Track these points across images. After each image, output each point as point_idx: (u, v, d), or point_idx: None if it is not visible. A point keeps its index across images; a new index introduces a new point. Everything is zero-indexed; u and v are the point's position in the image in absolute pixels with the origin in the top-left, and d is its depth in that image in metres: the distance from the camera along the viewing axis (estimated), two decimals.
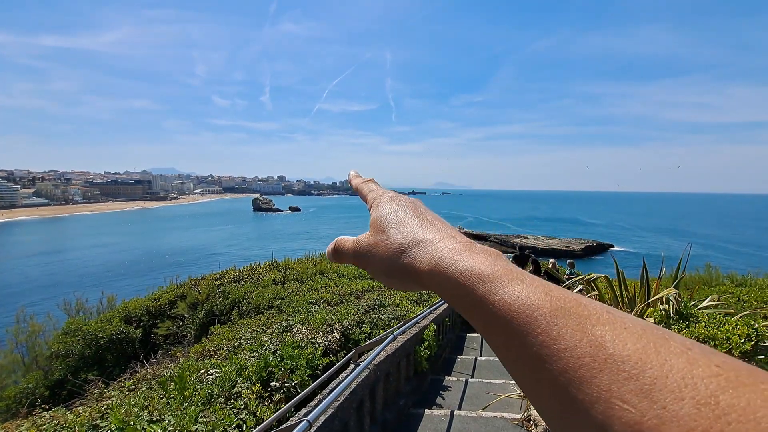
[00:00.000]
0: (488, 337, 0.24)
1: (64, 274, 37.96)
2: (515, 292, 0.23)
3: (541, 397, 0.20)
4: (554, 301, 0.22)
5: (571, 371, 0.18)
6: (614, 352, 0.18)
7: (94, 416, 2.30)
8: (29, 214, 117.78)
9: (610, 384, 0.17)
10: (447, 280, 0.27)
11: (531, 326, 0.21)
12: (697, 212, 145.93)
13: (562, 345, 0.19)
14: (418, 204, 0.38)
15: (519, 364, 0.22)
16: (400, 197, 0.39)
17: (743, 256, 46.34)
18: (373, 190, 0.43)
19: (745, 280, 8.77)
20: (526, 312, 0.22)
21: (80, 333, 6.73)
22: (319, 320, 4.47)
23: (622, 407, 0.16)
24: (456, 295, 0.26)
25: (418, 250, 0.31)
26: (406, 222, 0.34)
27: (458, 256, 0.28)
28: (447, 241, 0.30)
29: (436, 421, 3.67)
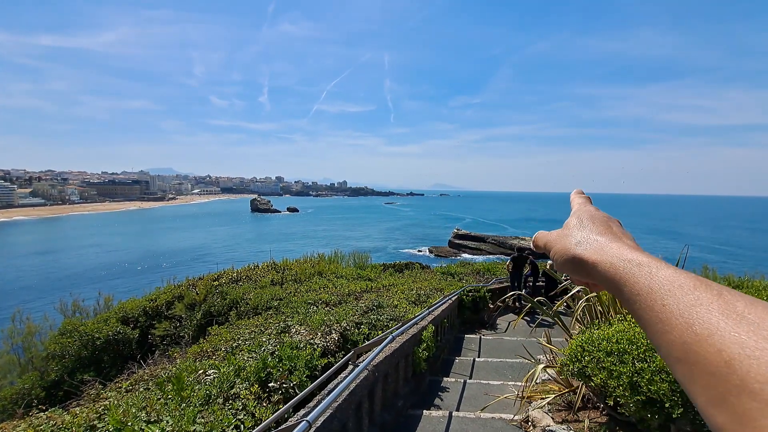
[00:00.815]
0: (641, 306, 0.30)
1: (61, 274, 37.77)
2: (670, 272, 0.30)
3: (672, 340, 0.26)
4: (698, 279, 0.29)
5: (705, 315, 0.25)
6: (741, 310, 0.24)
7: (92, 417, 2.29)
8: (26, 214, 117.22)
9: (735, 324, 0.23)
10: (610, 267, 0.35)
11: (681, 290, 0.28)
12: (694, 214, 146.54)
13: (703, 301, 0.26)
14: (611, 219, 0.45)
15: (665, 321, 0.27)
16: (597, 211, 0.47)
17: (740, 257, 46.55)
18: (579, 202, 0.52)
19: (742, 281, 8.79)
20: (676, 282, 0.29)
21: (77, 333, 6.69)
22: (318, 321, 4.46)
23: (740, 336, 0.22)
24: (617, 277, 0.34)
25: (589, 246, 0.40)
26: (588, 226, 0.43)
27: (624, 251, 0.36)
28: (617, 242, 0.38)
29: (435, 422, 3.67)
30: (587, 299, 3.96)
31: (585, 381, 3.00)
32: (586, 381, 2.96)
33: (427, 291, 7.92)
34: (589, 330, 3.28)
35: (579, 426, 3.09)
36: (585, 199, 0.54)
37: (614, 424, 2.99)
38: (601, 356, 2.76)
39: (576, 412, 3.26)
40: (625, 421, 2.90)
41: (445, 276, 11.70)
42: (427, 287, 8.42)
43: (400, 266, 13.40)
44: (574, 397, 3.36)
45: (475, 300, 8.65)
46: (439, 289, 8.59)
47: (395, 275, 11.37)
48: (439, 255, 48.82)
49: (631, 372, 2.54)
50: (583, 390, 3.29)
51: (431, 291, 8.06)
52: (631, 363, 2.58)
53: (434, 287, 8.64)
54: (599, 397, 3.12)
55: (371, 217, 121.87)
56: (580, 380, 3.09)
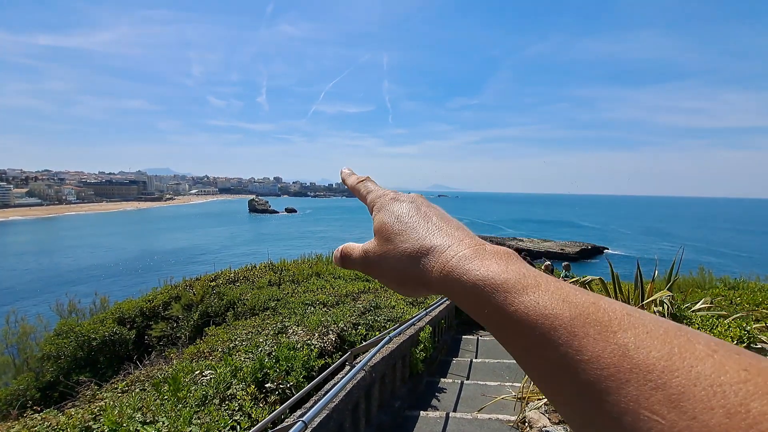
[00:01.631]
0: (507, 347, 0.24)
1: (57, 275, 37.58)
2: (532, 300, 0.22)
3: (566, 408, 0.20)
4: (573, 308, 0.21)
5: (596, 383, 0.18)
6: (639, 361, 0.17)
7: (87, 418, 2.28)
8: (22, 214, 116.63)
9: (638, 395, 0.16)
10: (460, 290, 0.26)
11: (551, 337, 0.20)
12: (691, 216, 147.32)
13: (585, 356, 0.19)
14: (421, 203, 0.36)
15: (540, 375, 0.21)
16: (402, 197, 0.37)
17: (736, 259, 46.79)
18: (372, 190, 0.41)
19: (738, 283, 8.86)
20: (545, 323, 0.21)
21: (72, 334, 6.66)
22: (315, 322, 4.46)
23: (651, 418, 0.16)
24: (470, 304, 0.26)
25: (427, 260, 0.30)
26: (411, 227, 0.33)
27: (469, 264, 0.27)
28: (456, 247, 0.29)
29: (432, 423, 3.67)
30: None
31: None
32: None
33: None
34: None
35: None
36: (370, 181, 0.42)
37: None
38: None
39: None
40: None
41: None
42: None
43: None
44: None
45: None
46: None
47: None
48: None
49: None
50: None
51: None
52: None
53: None
54: None
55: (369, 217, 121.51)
56: None
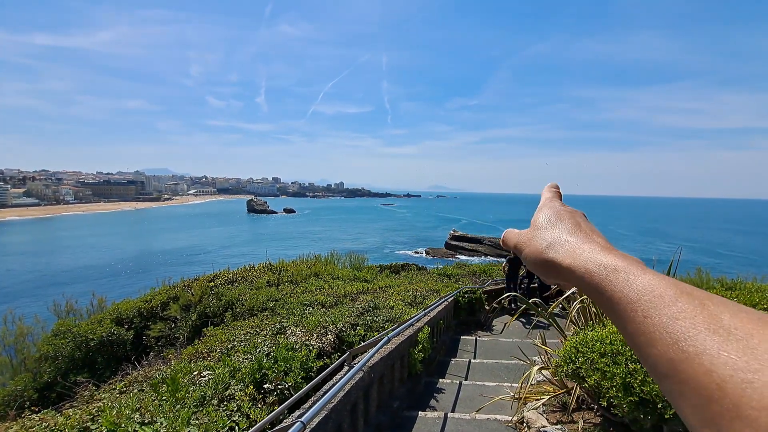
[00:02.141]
0: (621, 316, 0.28)
1: (54, 275, 37.44)
2: (648, 279, 0.28)
3: (656, 357, 0.25)
4: (679, 287, 0.27)
5: (688, 331, 0.23)
6: (728, 324, 0.22)
7: (85, 418, 2.28)
8: (19, 215, 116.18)
9: (721, 341, 0.22)
10: (585, 272, 0.33)
11: (662, 301, 0.26)
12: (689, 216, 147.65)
13: (687, 315, 0.24)
14: (578, 214, 0.43)
15: (648, 333, 0.26)
16: (562, 207, 0.44)
17: (733, 259, 46.94)
18: (547, 197, 0.49)
19: (735, 283, 8.87)
20: (656, 291, 0.27)
21: (70, 335, 6.64)
22: (314, 322, 4.46)
23: (729, 356, 0.21)
24: (593, 284, 0.32)
25: (561, 248, 0.37)
26: (557, 225, 0.40)
27: (598, 254, 0.33)
28: (590, 244, 0.36)
29: (430, 424, 3.67)
30: (582, 301, 3.99)
31: (579, 382, 3.02)
32: (581, 382, 2.98)
33: (423, 292, 7.93)
34: (583, 331, 3.31)
35: (573, 427, 3.11)
36: (553, 193, 0.51)
37: (608, 424, 3.01)
38: (595, 357, 2.78)
39: (570, 413, 3.28)
40: (619, 421, 2.92)
41: (442, 277, 11.72)
42: (424, 288, 8.43)
43: (397, 267, 13.40)
44: (568, 398, 3.37)
45: (471, 301, 8.66)
46: (436, 290, 8.60)
47: (391, 276, 11.37)
48: (436, 256, 48.88)
49: (624, 373, 2.56)
50: (577, 391, 3.30)
51: (427, 292, 8.07)
52: (624, 364, 2.60)
53: (430, 288, 8.65)
54: (593, 398, 3.14)
55: (368, 218, 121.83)
56: (575, 381, 3.11)
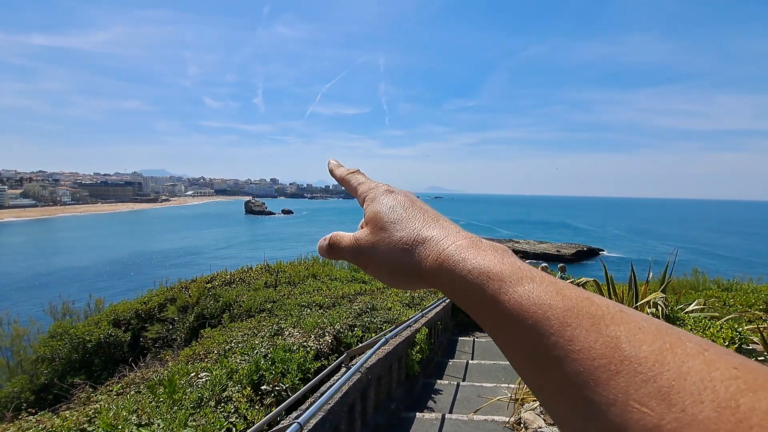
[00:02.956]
0: (498, 338, 0.24)
1: (50, 276, 37.26)
2: (526, 291, 0.22)
3: (553, 400, 0.20)
4: (566, 300, 0.21)
5: (585, 373, 0.18)
6: (630, 354, 0.17)
7: (82, 420, 2.27)
8: (16, 215, 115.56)
9: (627, 386, 0.16)
10: (454, 279, 0.26)
11: (543, 326, 0.20)
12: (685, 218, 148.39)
13: (577, 346, 0.19)
14: (415, 197, 0.36)
15: (530, 365, 0.21)
16: (396, 191, 0.37)
17: (729, 261, 47.16)
18: (362, 182, 0.41)
19: (731, 284, 8.93)
20: (537, 312, 0.21)
21: (67, 336, 6.62)
22: (311, 323, 4.46)
23: (641, 410, 0.16)
24: (464, 294, 0.26)
25: (422, 249, 0.29)
26: (407, 218, 0.32)
27: (465, 253, 0.27)
28: (452, 237, 0.29)
29: (428, 425, 3.67)
30: None
31: None
32: None
33: (421, 293, 7.94)
34: None
35: None
36: (359, 173, 0.43)
37: None
38: None
39: None
40: None
41: None
42: (421, 290, 8.44)
43: None
44: None
45: None
46: (434, 291, 8.61)
47: None
48: None
49: None
50: None
51: (425, 293, 8.08)
52: None
53: (428, 290, 8.65)
54: None
55: None
56: None
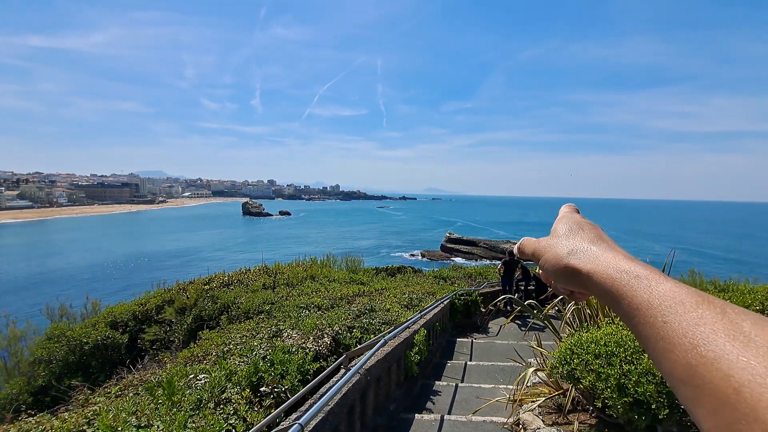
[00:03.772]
0: (641, 321, 0.29)
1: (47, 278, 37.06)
2: (669, 287, 0.29)
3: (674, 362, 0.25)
4: (700, 295, 0.27)
5: (710, 336, 0.23)
6: (747, 331, 0.22)
7: (81, 422, 2.27)
8: (12, 217, 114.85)
9: (742, 347, 0.22)
10: (606, 278, 0.33)
11: (683, 307, 0.26)
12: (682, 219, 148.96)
13: (707, 321, 0.24)
14: (599, 228, 0.44)
15: (667, 338, 0.26)
16: (583, 219, 0.46)
17: (726, 262, 47.38)
18: (566, 211, 0.50)
19: (728, 285, 8.97)
20: (677, 298, 0.27)
21: (64, 338, 6.59)
22: (310, 325, 4.46)
23: (749, 362, 0.22)
24: (614, 290, 0.32)
25: (583, 255, 0.38)
26: (579, 234, 0.41)
27: (620, 261, 0.34)
28: (611, 252, 0.36)
29: (427, 426, 3.68)
30: (576, 303, 4.02)
31: (574, 383, 3.04)
32: (576, 383, 3.00)
33: (419, 295, 7.94)
34: (578, 333, 3.33)
35: (569, 428, 3.13)
36: (572, 208, 0.53)
37: (603, 425, 3.03)
38: (590, 359, 2.81)
39: (566, 415, 3.30)
40: (614, 422, 2.95)
41: (438, 280, 11.74)
42: (420, 291, 8.44)
43: (393, 270, 13.42)
44: (564, 399, 3.40)
45: (467, 304, 8.69)
46: (432, 293, 8.62)
47: (388, 279, 11.38)
48: (432, 259, 48.94)
49: (619, 374, 2.58)
50: (572, 392, 3.33)
51: (423, 295, 8.09)
52: (618, 365, 2.63)
53: (426, 291, 8.66)
54: (588, 399, 3.17)
55: (364, 220, 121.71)
56: (570, 383, 3.14)
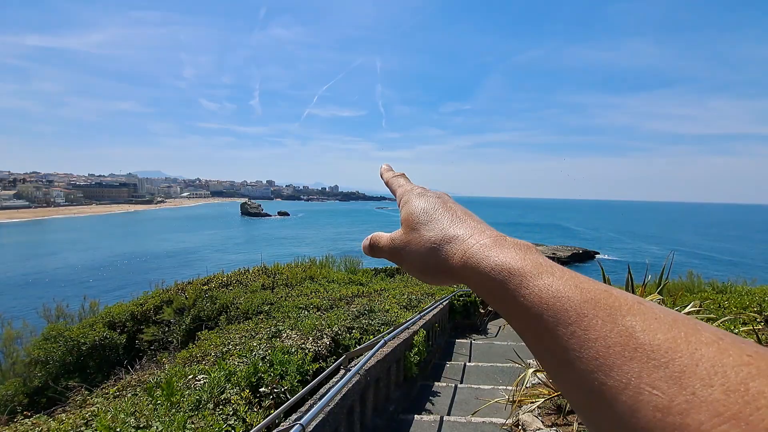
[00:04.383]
0: (520, 330, 0.25)
1: (43, 278, 36.92)
2: (546, 284, 0.24)
3: (571, 386, 0.21)
4: (584, 293, 0.22)
5: (601, 358, 0.19)
6: (644, 341, 0.18)
7: (79, 423, 2.25)
8: (9, 217, 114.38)
9: (640, 371, 0.17)
10: (479, 275, 0.28)
11: (562, 317, 0.22)
12: (680, 221, 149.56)
13: (593, 335, 0.20)
14: (447, 198, 0.38)
15: (549, 354, 0.22)
16: (429, 193, 0.40)
17: (724, 264, 47.55)
18: (401, 185, 0.44)
19: (726, 287, 9.02)
20: (556, 304, 0.22)
21: (61, 339, 6.55)
22: (309, 325, 4.45)
23: (651, 392, 0.17)
24: (488, 289, 0.27)
25: (449, 247, 0.32)
26: (436, 219, 0.35)
27: (489, 251, 0.29)
28: (477, 236, 0.31)
29: (426, 427, 3.67)
30: None
31: None
32: None
33: (418, 296, 7.94)
34: None
35: (568, 429, 3.13)
36: (403, 177, 0.45)
37: None
38: None
39: (565, 415, 3.30)
40: None
41: None
42: (419, 292, 8.44)
43: (392, 271, 13.40)
44: (563, 400, 3.40)
45: (466, 305, 8.69)
46: (431, 293, 8.62)
47: (387, 280, 11.37)
48: None
49: None
50: None
51: (422, 296, 8.09)
52: None
53: (425, 292, 8.66)
54: None
55: (363, 221, 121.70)
56: None
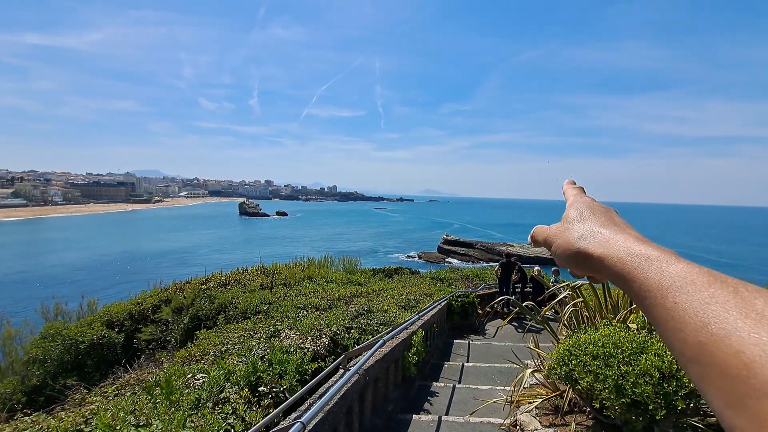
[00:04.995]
0: (652, 303, 0.29)
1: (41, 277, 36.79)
2: (682, 266, 0.29)
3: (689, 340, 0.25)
4: (712, 274, 0.27)
5: (721, 314, 0.23)
6: (760, 309, 0.22)
7: (78, 421, 2.26)
8: (6, 215, 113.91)
9: (754, 324, 0.22)
10: (617, 261, 0.33)
11: (694, 287, 0.26)
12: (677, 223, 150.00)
13: (719, 300, 0.24)
14: (612, 210, 0.44)
15: (677, 318, 0.26)
16: (594, 202, 0.45)
17: (720, 266, 47.70)
18: (574, 194, 0.50)
19: None
20: (688, 278, 0.27)
21: (59, 337, 6.54)
22: (308, 325, 4.46)
23: (760, 337, 0.22)
24: (624, 272, 0.32)
25: (593, 239, 0.38)
26: (590, 218, 0.41)
27: (632, 244, 0.34)
28: (623, 234, 0.36)
29: (424, 427, 3.68)
30: (574, 305, 4.04)
31: (572, 385, 3.06)
32: (573, 384, 3.01)
33: (416, 296, 7.95)
34: (575, 334, 3.35)
35: (566, 429, 3.14)
36: (579, 189, 0.52)
37: (600, 426, 3.05)
38: (588, 360, 2.82)
39: (563, 416, 3.31)
40: (611, 423, 2.96)
41: (435, 281, 11.76)
42: (417, 292, 8.45)
43: (390, 271, 13.43)
44: (561, 401, 3.41)
45: (464, 305, 8.70)
46: (429, 294, 8.63)
47: (385, 280, 11.39)
48: (428, 260, 48.94)
49: (617, 375, 2.60)
50: (570, 394, 3.34)
51: (421, 296, 8.10)
52: (616, 366, 2.65)
53: (424, 292, 8.68)
54: (585, 400, 3.18)
55: (361, 221, 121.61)
56: (567, 384, 3.15)
